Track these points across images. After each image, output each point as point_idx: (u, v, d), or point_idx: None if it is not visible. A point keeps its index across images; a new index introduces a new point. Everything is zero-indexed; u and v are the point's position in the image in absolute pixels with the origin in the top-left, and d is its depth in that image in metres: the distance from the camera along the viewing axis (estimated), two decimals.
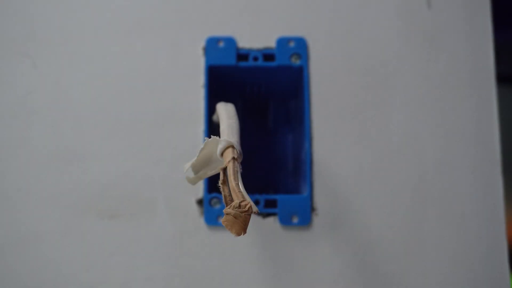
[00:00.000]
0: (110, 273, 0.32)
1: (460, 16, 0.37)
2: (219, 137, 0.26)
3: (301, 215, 0.33)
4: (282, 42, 0.36)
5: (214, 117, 0.33)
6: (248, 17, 0.37)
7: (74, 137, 0.34)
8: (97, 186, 0.33)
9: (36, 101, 0.35)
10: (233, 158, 0.24)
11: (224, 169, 0.24)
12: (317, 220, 0.33)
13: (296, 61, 0.35)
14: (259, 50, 0.36)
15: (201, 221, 0.33)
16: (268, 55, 0.36)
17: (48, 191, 0.33)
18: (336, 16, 0.37)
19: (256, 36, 0.36)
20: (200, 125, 0.34)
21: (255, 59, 0.35)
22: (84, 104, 0.35)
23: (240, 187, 0.23)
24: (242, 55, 0.36)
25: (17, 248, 0.33)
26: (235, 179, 0.23)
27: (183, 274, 0.33)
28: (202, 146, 0.25)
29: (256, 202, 0.33)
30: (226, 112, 0.29)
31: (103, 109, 0.35)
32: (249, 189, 0.24)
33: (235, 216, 0.21)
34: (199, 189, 0.33)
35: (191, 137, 0.34)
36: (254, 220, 0.33)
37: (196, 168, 0.26)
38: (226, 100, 0.32)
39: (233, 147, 0.24)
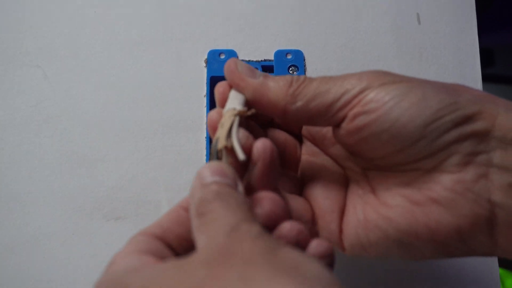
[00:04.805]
0: None
1: (448, 31, 0.39)
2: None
3: None
4: (280, 54, 0.37)
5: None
6: (248, 32, 0.38)
7: (82, 143, 0.36)
8: (104, 189, 0.35)
9: (47, 110, 0.36)
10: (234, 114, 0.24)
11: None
12: None
13: (293, 73, 0.37)
14: (258, 62, 0.37)
15: None
16: (267, 67, 0.37)
17: (57, 194, 0.35)
18: (332, 30, 0.38)
19: (255, 49, 0.38)
20: (203, 132, 0.36)
21: None
22: (93, 112, 0.36)
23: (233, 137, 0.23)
24: None
25: (27, 248, 0.34)
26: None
27: None
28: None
29: None
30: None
31: (110, 117, 0.36)
32: None
33: None
34: None
35: (193, 143, 0.36)
36: None
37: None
38: None
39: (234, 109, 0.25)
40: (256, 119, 0.27)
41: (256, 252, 0.17)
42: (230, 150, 0.22)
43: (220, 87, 0.26)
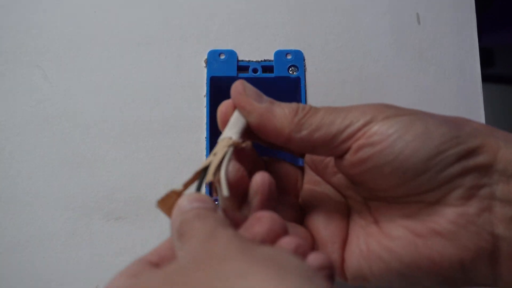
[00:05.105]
0: (115, 272, 0.33)
1: (448, 31, 0.39)
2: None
3: None
4: (280, 54, 0.37)
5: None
6: (248, 32, 0.38)
7: (82, 143, 0.36)
8: (104, 189, 0.35)
9: (47, 110, 0.36)
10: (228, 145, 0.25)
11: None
12: None
13: (293, 73, 0.37)
14: (258, 62, 0.37)
15: None
16: (267, 67, 0.37)
17: (58, 194, 0.35)
18: (332, 30, 0.38)
19: (255, 49, 0.38)
20: (203, 132, 0.36)
21: (255, 70, 0.37)
22: (92, 112, 0.36)
23: (222, 174, 0.23)
24: (243, 67, 0.37)
25: (27, 248, 0.34)
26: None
27: None
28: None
29: None
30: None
31: (110, 117, 0.36)
32: None
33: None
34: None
35: (193, 143, 0.36)
36: None
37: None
38: None
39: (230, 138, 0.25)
40: (261, 140, 0.27)
41: (232, 249, 0.17)
42: (218, 183, 0.23)
43: (223, 106, 0.26)
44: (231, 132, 0.25)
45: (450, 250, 0.22)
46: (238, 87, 0.25)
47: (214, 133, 0.36)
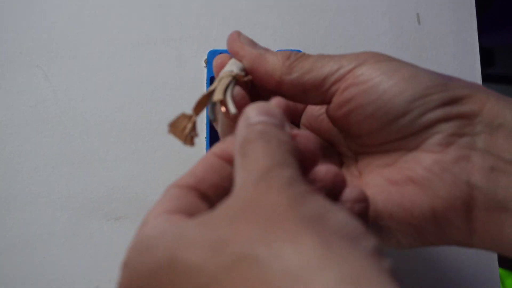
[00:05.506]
0: (115, 272, 0.34)
1: (448, 31, 0.39)
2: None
3: None
4: None
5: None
6: (248, 32, 0.38)
7: (82, 143, 0.36)
8: (104, 189, 0.35)
9: (47, 110, 0.36)
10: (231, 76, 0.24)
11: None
12: None
13: None
14: None
15: None
16: None
17: (57, 194, 0.35)
18: (331, 30, 0.38)
19: None
20: (203, 132, 0.36)
21: None
22: (93, 112, 0.36)
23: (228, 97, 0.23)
24: None
25: (27, 248, 0.34)
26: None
27: None
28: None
29: None
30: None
31: (110, 117, 0.36)
32: None
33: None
34: None
35: None
36: None
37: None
38: None
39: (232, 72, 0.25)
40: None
41: (281, 205, 0.16)
42: (224, 104, 0.23)
43: (218, 59, 0.26)
44: (231, 68, 0.25)
45: (422, 197, 0.22)
46: (233, 35, 0.26)
47: (214, 133, 0.36)
